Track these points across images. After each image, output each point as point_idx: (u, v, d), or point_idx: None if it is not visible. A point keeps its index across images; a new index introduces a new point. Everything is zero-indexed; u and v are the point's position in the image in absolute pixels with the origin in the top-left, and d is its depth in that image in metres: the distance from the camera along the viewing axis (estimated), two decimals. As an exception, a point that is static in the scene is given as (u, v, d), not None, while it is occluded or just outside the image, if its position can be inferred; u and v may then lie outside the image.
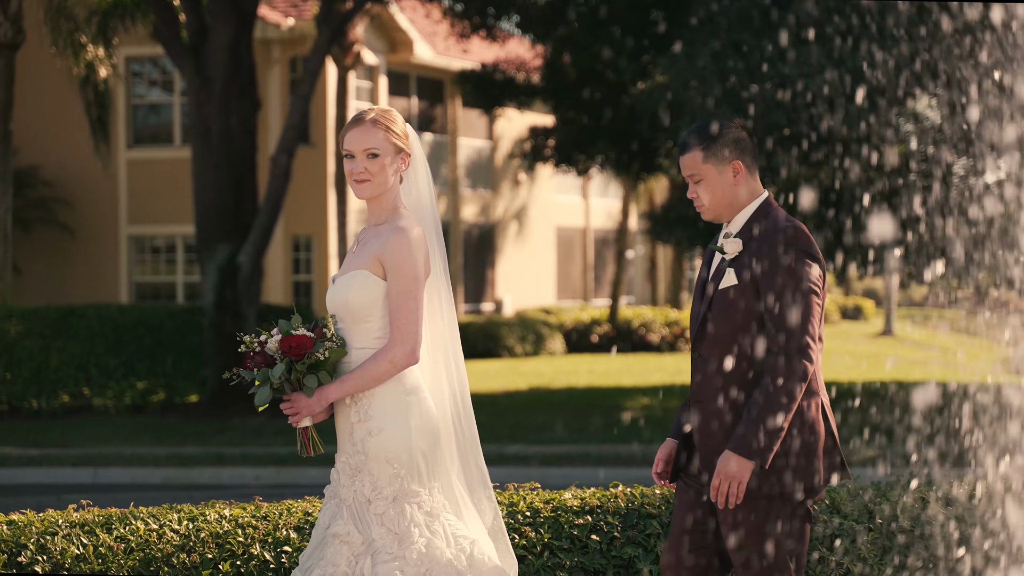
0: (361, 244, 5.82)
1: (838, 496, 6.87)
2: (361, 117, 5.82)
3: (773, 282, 5.60)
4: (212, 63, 22.67)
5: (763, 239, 5.68)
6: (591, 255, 44.34)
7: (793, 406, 5.54)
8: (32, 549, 6.35)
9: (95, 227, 31.49)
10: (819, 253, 5.65)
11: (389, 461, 5.68)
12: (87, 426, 22.26)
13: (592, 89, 26.64)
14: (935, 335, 56.00)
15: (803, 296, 5.57)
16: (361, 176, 5.76)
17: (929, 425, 9.84)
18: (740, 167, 5.76)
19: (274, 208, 22.97)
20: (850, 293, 67.67)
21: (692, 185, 5.83)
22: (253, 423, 22.14)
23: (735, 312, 5.68)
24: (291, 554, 6.52)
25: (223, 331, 22.97)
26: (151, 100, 32.28)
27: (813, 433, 5.65)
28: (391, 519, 5.66)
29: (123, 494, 16.84)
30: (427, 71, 36.19)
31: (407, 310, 5.66)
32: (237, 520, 6.62)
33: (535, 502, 6.86)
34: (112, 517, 6.57)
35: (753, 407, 5.55)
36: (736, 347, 5.68)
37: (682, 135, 5.85)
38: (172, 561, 6.38)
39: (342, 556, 5.66)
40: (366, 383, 5.66)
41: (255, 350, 5.69)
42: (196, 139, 23.06)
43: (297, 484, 17.97)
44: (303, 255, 31.66)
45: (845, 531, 6.71)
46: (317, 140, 31.15)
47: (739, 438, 5.55)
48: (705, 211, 5.83)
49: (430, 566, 5.66)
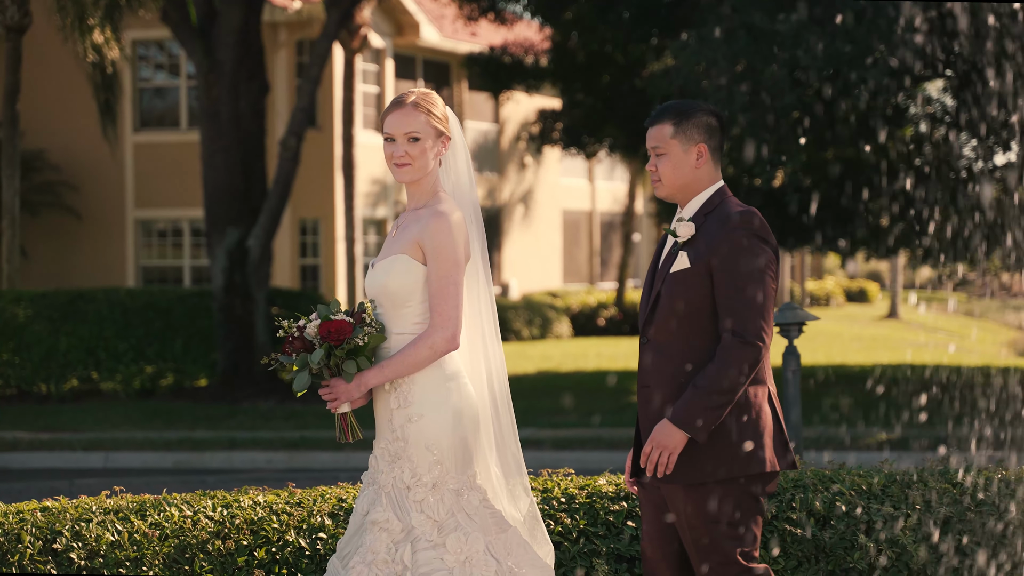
0: (400, 228, 5.76)
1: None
2: (402, 100, 5.74)
3: (726, 266, 5.56)
4: (221, 46, 22.60)
5: (717, 223, 5.65)
6: (597, 239, 44.27)
7: (738, 389, 5.52)
8: (67, 536, 6.31)
9: (102, 211, 31.44)
10: (772, 238, 5.62)
11: (429, 448, 5.62)
12: (97, 410, 22.22)
13: (601, 72, 26.56)
14: (940, 318, 55.97)
15: (755, 281, 5.54)
16: (402, 160, 5.70)
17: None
18: (704, 151, 5.74)
19: (283, 191, 22.91)
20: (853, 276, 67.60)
21: (653, 158, 5.79)
22: (263, 407, 22.11)
23: (687, 296, 5.64)
24: (326, 541, 6.47)
25: (233, 315, 22.93)
26: (157, 84, 32.19)
27: (760, 420, 5.62)
28: (430, 506, 5.61)
29: (135, 478, 16.80)
30: (433, 54, 36.09)
31: (447, 295, 5.61)
32: (271, 506, 6.57)
33: (570, 488, 6.81)
34: (146, 503, 6.52)
35: (698, 383, 5.52)
36: (686, 331, 5.64)
37: (656, 108, 5.83)
38: (207, 548, 6.34)
39: (381, 543, 5.61)
40: (406, 369, 5.61)
41: (294, 335, 5.63)
42: (205, 122, 22.98)
43: (309, 468, 17.94)
44: (310, 239, 31.59)
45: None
46: (324, 123, 31.06)
47: (679, 410, 5.54)
48: (660, 187, 5.79)
49: (469, 554, 5.61)
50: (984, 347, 40.93)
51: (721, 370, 5.51)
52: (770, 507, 6.63)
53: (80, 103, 30.19)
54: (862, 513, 6.64)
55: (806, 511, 6.66)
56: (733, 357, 5.51)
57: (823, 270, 65.33)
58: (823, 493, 6.71)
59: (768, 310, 5.58)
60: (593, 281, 43.95)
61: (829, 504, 6.67)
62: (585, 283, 43.47)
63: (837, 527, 6.63)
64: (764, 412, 5.63)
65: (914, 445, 17.85)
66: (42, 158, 31.24)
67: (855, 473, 6.91)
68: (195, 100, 30.58)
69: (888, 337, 39.90)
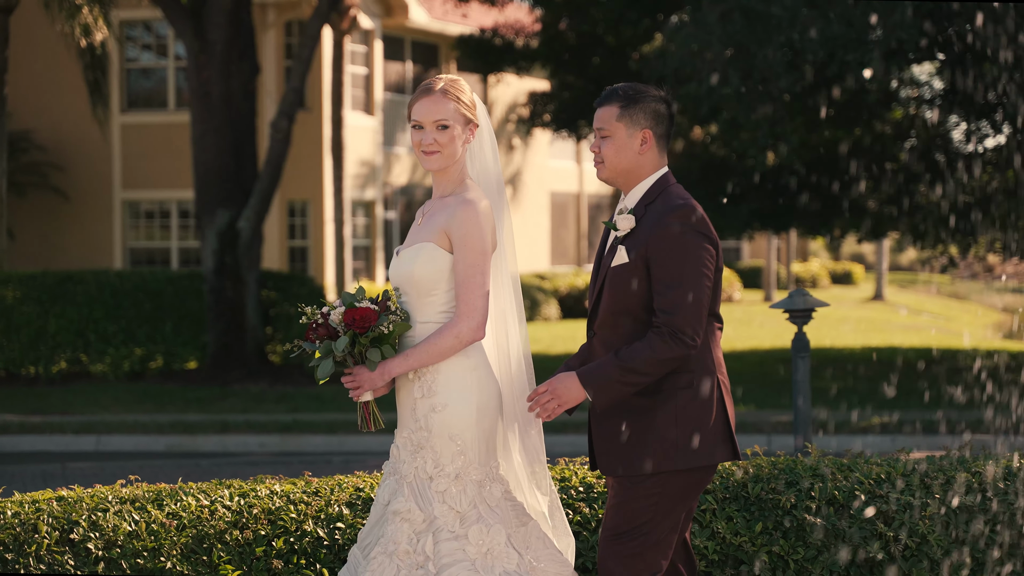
0: (427, 216, 5.70)
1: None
2: (430, 87, 5.68)
3: (660, 261, 5.48)
4: (212, 26, 22.47)
5: (655, 217, 5.56)
6: (585, 221, 44.22)
7: (652, 379, 5.45)
8: (84, 526, 6.24)
9: (89, 192, 31.29)
10: (712, 232, 5.53)
11: (452, 438, 5.57)
12: (87, 392, 22.14)
13: (591, 54, 26.49)
14: (926, 300, 56.07)
15: (690, 277, 5.45)
16: (430, 148, 5.64)
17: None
18: (649, 137, 5.65)
19: (274, 173, 22.81)
20: (839, 258, 67.68)
21: (598, 139, 5.72)
22: (254, 389, 22.05)
23: (626, 291, 5.57)
24: (344, 531, 6.41)
25: (223, 297, 22.85)
26: (144, 64, 32.02)
27: (701, 411, 5.54)
28: (453, 497, 5.56)
29: (128, 462, 16.75)
30: (422, 35, 35.98)
31: (474, 284, 5.55)
32: (288, 496, 6.51)
33: (588, 477, 6.77)
34: (162, 493, 6.45)
35: (620, 354, 5.45)
36: (629, 326, 5.57)
37: (606, 89, 5.74)
38: (225, 538, 6.27)
39: (403, 534, 5.56)
40: (430, 358, 5.56)
41: (318, 322, 5.56)
42: (196, 103, 22.86)
43: (303, 452, 17.90)
44: (298, 220, 31.49)
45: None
46: (313, 105, 30.94)
47: (591, 370, 5.50)
48: (602, 169, 5.72)
49: (491, 546, 5.56)
50: (971, 329, 41.01)
51: (645, 355, 5.43)
52: (789, 496, 6.59)
53: (67, 83, 30.04)
54: (881, 502, 6.61)
55: (825, 500, 6.62)
56: (660, 349, 5.43)
57: (808, 252, 65.39)
58: (842, 482, 6.68)
59: (702, 308, 5.47)
60: (581, 263, 43.91)
61: (848, 493, 6.63)
62: (573, 265, 43.42)
63: (856, 516, 6.59)
64: (706, 403, 5.54)
65: (906, 428, 17.87)
66: (29, 139, 31.08)
67: (873, 462, 6.87)
68: (184, 81, 30.45)
69: (875, 319, 39.95)
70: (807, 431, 8.66)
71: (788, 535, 6.56)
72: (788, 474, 6.72)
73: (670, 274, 5.46)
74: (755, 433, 17.67)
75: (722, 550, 6.56)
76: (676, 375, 5.54)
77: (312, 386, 22.56)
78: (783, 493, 6.61)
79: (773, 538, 6.55)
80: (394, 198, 35.26)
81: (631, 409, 5.56)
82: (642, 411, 5.55)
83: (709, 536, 6.54)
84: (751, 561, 6.53)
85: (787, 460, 6.87)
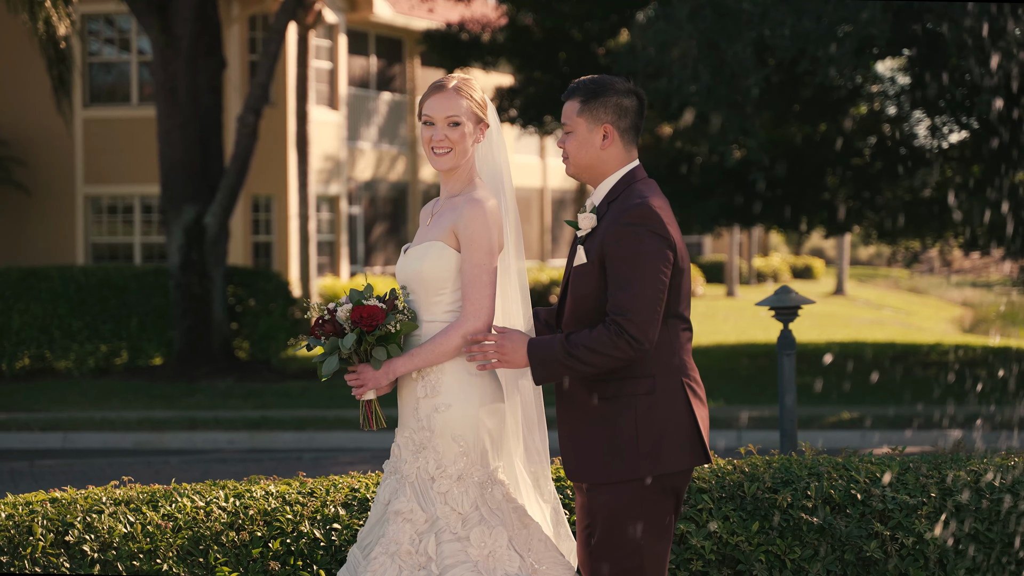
0: (436, 216, 5.66)
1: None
2: (443, 84, 5.63)
3: (615, 262, 5.37)
4: (179, 21, 22.36)
5: (613, 216, 5.47)
6: (548, 216, 44.22)
7: (589, 369, 5.35)
8: (79, 528, 6.17)
9: (51, 187, 31.07)
10: (668, 231, 5.39)
11: (455, 439, 5.52)
12: (52, 389, 21.99)
13: (558, 49, 26.47)
14: (886, 295, 56.31)
15: (641, 278, 5.34)
16: (441, 144, 5.59)
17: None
18: (611, 132, 5.54)
19: (241, 168, 22.71)
20: (800, 253, 67.90)
21: (563, 135, 5.64)
22: (221, 386, 21.95)
23: (586, 292, 5.49)
24: (341, 532, 6.36)
25: (190, 293, 22.74)
26: (107, 59, 31.81)
27: (669, 417, 5.42)
28: (454, 498, 5.51)
29: (97, 459, 16.64)
30: (387, 30, 35.88)
31: (481, 284, 5.51)
32: (284, 497, 6.45)
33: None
34: (156, 494, 6.39)
35: (573, 338, 5.36)
36: (592, 326, 5.45)
37: (572, 83, 5.65)
38: (221, 539, 6.22)
39: (405, 534, 5.51)
40: (436, 358, 5.51)
41: (325, 318, 5.51)
42: (162, 98, 22.73)
43: (272, 449, 17.82)
44: (263, 216, 31.35)
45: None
46: (277, 100, 30.81)
47: (542, 343, 5.41)
48: (568, 165, 5.64)
49: (493, 548, 5.52)
50: (932, 324, 41.20)
51: (590, 345, 5.33)
52: (785, 495, 6.58)
53: (30, 78, 29.78)
54: (877, 501, 6.59)
55: (821, 499, 6.60)
56: (605, 344, 5.32)
57: (769, 247, 65.58)
58: (837, 481, 6.66)
59: (654, 311, 5.34)
60: (544, 258, 43.91)
61: (844, 493, 6.62)
62: (536, 260, 43.42)
63: (853, 516, 6.58)
64: (670, 408, 5.42)
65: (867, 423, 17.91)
66: (-10, 133, 30.87)
67: (868, 461, 6.86)
68: (147, 76, 30.27)
69: (838, 314, 40.08)
70: (794, 429, 8.63)
71: (785, 534, 6.55)
72: (784, 473, 6.70)
73: (622, 275, 5.35)
74: (725, 429, 17.67)
75: (719, 550, 6.54)
76: (636, 380, 5.43)
77: (279, 382, 22.48)
78: (780, 492, 6.59)
79: (770, 537, 6.53)
80: (358, 193, 35.15)
81: (592, 414, 5.48)
82: (603, 417, 5.46)
83: (706, 536, 6.52)
84: (748, 560, 6.51)
85: (782, 459, 6.85)
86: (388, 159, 36.53)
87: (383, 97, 36.23)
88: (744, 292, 49.98)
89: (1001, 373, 21.95)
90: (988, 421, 17.49)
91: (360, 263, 35.11)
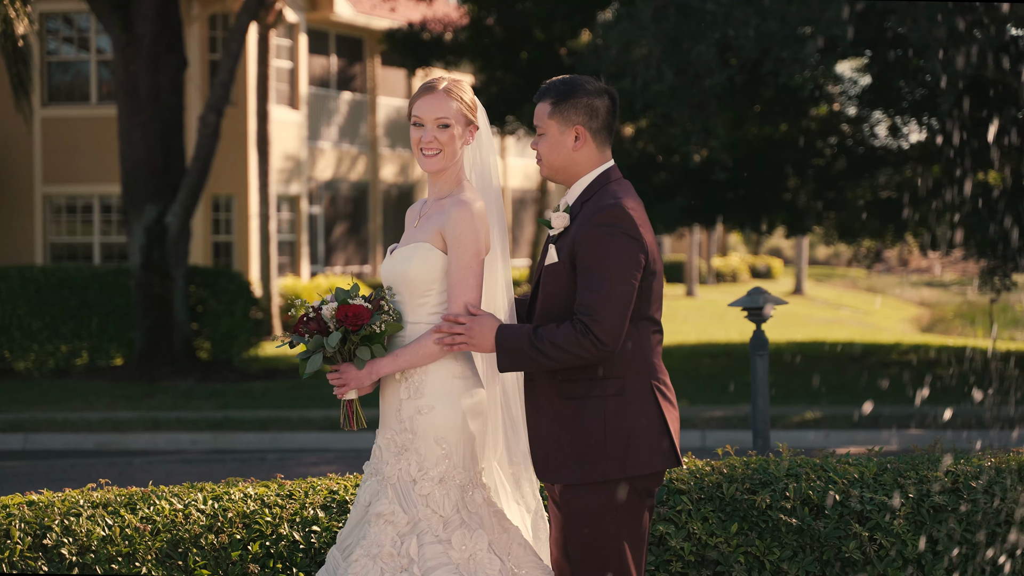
0: (424, 218, 5.64)
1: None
2: (433, 85, 5.60)
3: (585, 263, 5.34)
4: (140, 19, 22.25)
5: (586, 216, 5.44)
6: (508, 215, 44.22)
7: (551, 364, 5.31)
8: (57, 531, 6.12)
9: (9, 186, 30.86)
10: (640, 233, 5.37)
11: (438, 441, 5.50)
12: (12, 390, 21.85)
13: (520, 48, 26.46)
14: (844, 294, 56.54)
15: (609, 280, 5.30)
16: (430, 146, 5.56)
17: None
18: (583, 133, 5.51)
19: (203, 167, 22.62)
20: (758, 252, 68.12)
21: (536, 136, 5.61)
22: (183, 386, 21.85)
23: (556, 292, 5.46)
24: (320, 534, 6.33)
25: (151, 293, 22.63)
26: (65, 58, 31.62)
27: (637, 419, 5.39)
28: (436, 501, 5.49)
29: (58, 460, 16.54)
30: (347, 29, 35.79)
31: (466, 286, 5.49)
32: (263, 499, 6.42)
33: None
34: (134, 497, 6.34)
35: (540, 331, 5.33)
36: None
37: (544, 84, 5.62)
38: (200, 542, 6.17)
39: (386, 536, 5.48)
40: (420, 359, 5.48)
41: (309, 315, 5.47)
42: (123, 97, 22.61)
43: (235, 449, 17.76)
44: (223, 215, 31.22)
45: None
46: (238, 99, 30.67)
47: (511, 331, 5.39)
48: (541, 167, 5.62)
49: (474, 551, 5.49)
50: (890, 323, 41.40)
51: (559, 344, 5.29)
52: (764, 497, 6.58)
53: (-14, 76, 29.57)
54: (856, 502, 6.60)
55: (800, 500, 6.61)
56: (569, 342, 5.29)
57: (727, 247, 65.75)
58: (815, 482, 6.66)
59: (622, 313, 5.31)
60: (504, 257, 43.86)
61: (822, 494, 6.62)
62: (496, 260, 43.35)
63: (831, 516, 6.58)
64: (639, 410, 5.39)
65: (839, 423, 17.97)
66: (-53, 132, 30.64)
67: (846, 461, 6.87)
68: (106, 75, 30.10)
69: (798, 313, 40.21)
70: (767, 429, 8.65)
71: (763, 535, 6.55)
72: (762, 474, 6.70)
73: (592, 275, 5.33)
74: (689, 429, 17.70)
75: (698, 551, 6.54)
76: (605, 382, 5.40)
77: (241, 382, 22.39)
78: (758, 493, 6.59)
79: (749, 538, 6.53)
80: (319, 193, 35.06)
81: (562, 415, 5.44)
82: (572, 417, 5.42)
83: (685, 537, 6.51)
84: (727, 562, 6.51)
85: (760, 460, 6.85)
86: (348, 159, 36.45)
87: (344, 97, 36.15)
88: (703, 292, 50.13)
89: (951, 372, 22.09)
90: (956, 419, 17.57)
91: (321, 263, 35.01)
